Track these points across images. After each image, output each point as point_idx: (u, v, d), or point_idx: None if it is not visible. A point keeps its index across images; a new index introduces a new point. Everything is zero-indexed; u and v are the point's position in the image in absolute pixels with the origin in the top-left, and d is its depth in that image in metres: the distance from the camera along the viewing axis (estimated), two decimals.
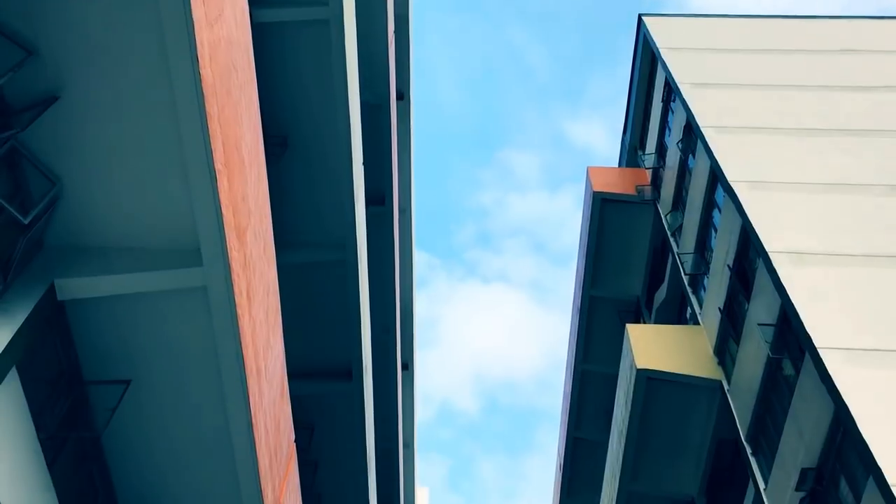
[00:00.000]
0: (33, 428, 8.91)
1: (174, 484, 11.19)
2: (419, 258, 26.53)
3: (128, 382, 9.85)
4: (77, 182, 9.01)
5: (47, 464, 9.25)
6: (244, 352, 9.77)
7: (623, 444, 19.38)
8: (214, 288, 9.27)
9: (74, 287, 9.02)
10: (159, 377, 10.13)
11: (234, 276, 9.33)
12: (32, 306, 8.50)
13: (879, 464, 11.40)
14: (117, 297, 9.36)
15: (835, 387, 12.75)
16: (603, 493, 22.43)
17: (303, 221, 16.15)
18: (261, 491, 10.90)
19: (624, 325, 20.39)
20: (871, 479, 11.68)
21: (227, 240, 9.04)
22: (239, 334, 9.61)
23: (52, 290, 8.91)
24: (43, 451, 9.13)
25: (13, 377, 8.48)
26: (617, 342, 22.87)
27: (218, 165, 8.66)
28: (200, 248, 9.07)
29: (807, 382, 14.00)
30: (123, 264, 9.16)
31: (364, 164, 17.39)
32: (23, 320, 8.34)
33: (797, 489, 13.87)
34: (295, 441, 13.41)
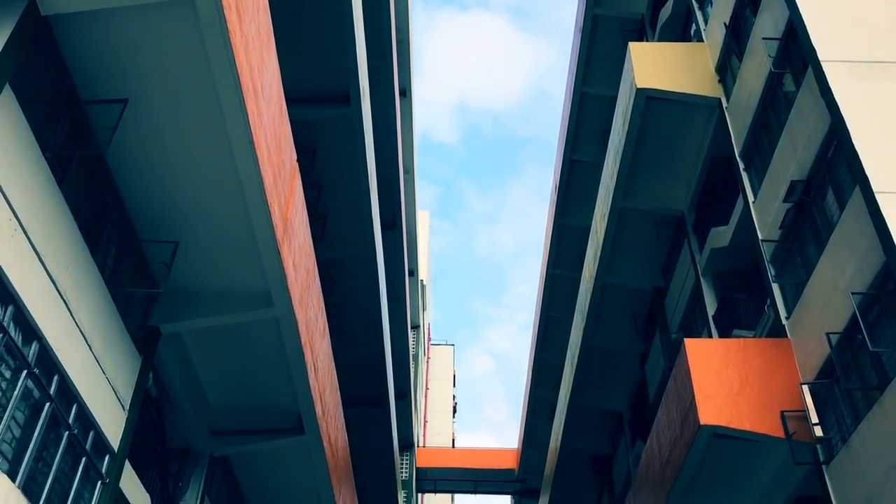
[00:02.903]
0: (38, 147, 9.04)
1: (184, 203, 11.58)
2: None
3: (125, 101, 9.82)
4: None
5: (57, 182, 9.52)
6: (239, 69, 9.62)
7: (618, 163, 19.76)
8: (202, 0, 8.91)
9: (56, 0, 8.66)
10: (157, 96, 10.07)
11: None
12: (15, 21, 8.22)
13: (867, 173, 11.72)
14: (103, 12, 9.02)
15: (833, 99, 12.75)
16: (596, 211, 23.30)
17: None
18: (268, 207, 11.31)
19: (626, 45, 19.89)
20: (857, 188, 12.07)
21: None
22: (232, 51, 9.40)
23: (33, 5, 8.56)
24: (51, 170, 9.35)
25: (10, 97, 8.45)
26: (618, 64, 22.42)
27: None
28: None
29: (806, 97, 13.97)
30: None
31: None
32: (7, 36, 8.12)
33: (785, 200, 14.40)
34: (297, 162, 13.66)
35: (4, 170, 8.34)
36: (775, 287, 15.04)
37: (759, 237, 15.59)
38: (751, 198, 16.27)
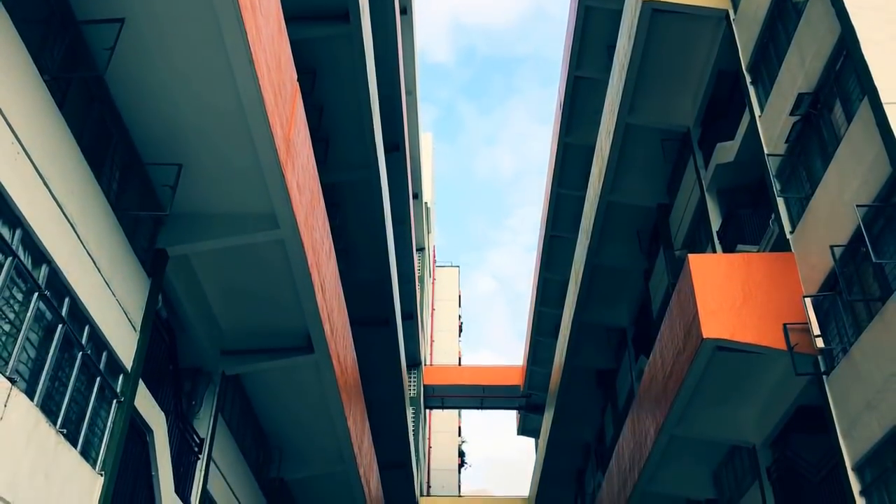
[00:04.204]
0: (36, 70, 8.94)
1: (186, 125, 11.48)
2: None
3: (122, 21, 9.65)
4: None
5: (57, 105, 9.44)
6: None
7: (623, 79, 19.48)
8: None
9: None
10: (154, 15, 9.87)
11: None
12: None
13: (876, 83, 11.57)
14: None
15: (843, 8, 12.48)
16: (601, 128, 23.07)
17: None
18: (270, 127, 11.23)
19: None
20: (865, 99, 11.93)
21: None
22: None
23: None
24: (50, 92, 9.26)
25: (4, 17, 8.32)
26: None
27: None
28: None
29: (816, 6, 13.65)
30: None
31: None
32: None
33: (792, 114, 14.25)
34: (298, 82, 13.50)
35: (3, 92, 8.27)
36: (780, 201, 15.02)
37: (765, 151, 15.49)
38: (757, 112, 16.10)
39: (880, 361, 11.50)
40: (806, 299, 13.48)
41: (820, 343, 13.14)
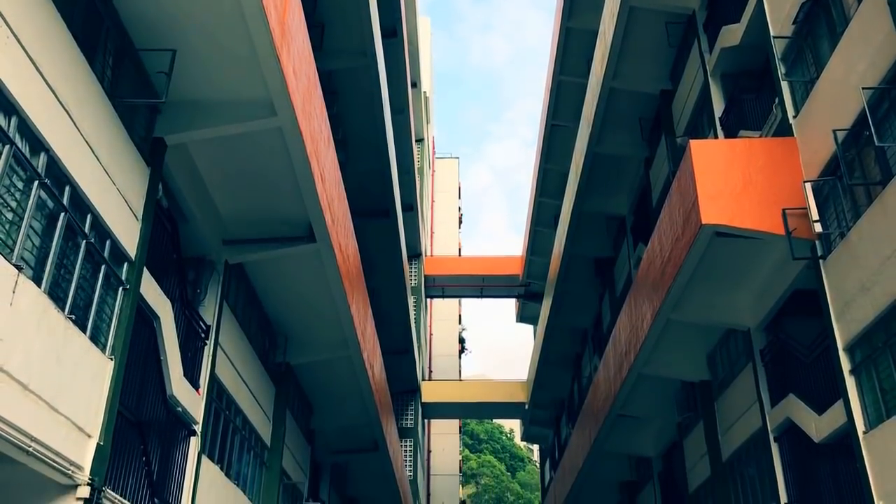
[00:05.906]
0: None
1: (177, 8, 11.17)
2: None
3: None
4: None
5: None
6: None
7: None
8: None
9: None
10: None
11: None
12: None
13: None
14: None
15: None
16: (604, 11, 22.42)
17: None
18: (264, 10, 10.93)
19: None
20: None
21: None
22: None
23: None
24: None
25: None
26: None
27: None
28: None
29: None
30: None
31: None
32: None
33: None
34: None
35: None
36: (784, 85, 14.80)
37: (771, 33, 15.14)
38: None
39: (877, 245, 11.61)
40: (806, 184, 13.48)
41: (818, 228, 13.23)
